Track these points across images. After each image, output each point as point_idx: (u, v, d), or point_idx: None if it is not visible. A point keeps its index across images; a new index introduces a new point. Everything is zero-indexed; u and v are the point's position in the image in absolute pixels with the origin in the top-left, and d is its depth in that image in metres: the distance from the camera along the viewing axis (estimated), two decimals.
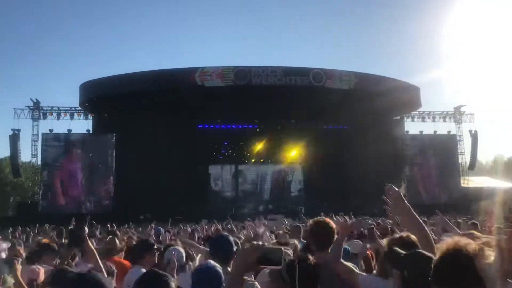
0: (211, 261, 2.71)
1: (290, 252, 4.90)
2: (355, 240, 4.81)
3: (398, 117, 35.44)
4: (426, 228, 2.58)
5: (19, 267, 3.77)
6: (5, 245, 4.35)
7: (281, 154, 35.69)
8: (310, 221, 3.50)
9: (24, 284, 3.45)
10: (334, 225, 3.36)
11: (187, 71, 28.84)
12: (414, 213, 2.54)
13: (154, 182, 27.64)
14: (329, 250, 3.23)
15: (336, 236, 3.30)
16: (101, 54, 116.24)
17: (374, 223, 12.14)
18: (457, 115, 36.19)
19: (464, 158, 36.34)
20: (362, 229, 7.36)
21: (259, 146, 35.46)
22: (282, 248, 2.35)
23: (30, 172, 37.07)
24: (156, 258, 4.09)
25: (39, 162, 31.79)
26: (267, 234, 6.23)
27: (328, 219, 3.50)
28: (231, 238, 3.21)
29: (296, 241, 6.10)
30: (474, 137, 35.74)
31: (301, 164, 35.73)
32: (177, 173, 28.89)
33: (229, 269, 2.89)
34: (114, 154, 30.36)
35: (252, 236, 6.89)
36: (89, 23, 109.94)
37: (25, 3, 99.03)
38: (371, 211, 23.75)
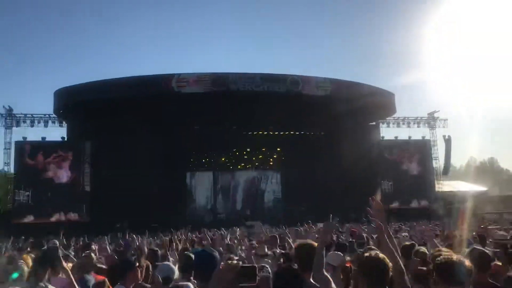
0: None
1: (269, 263, 4.93)
2: (335, 252, 4.82)
3: (374, 123, 35.88)
4: (394, 242, 3.11)
5: None
6: None
7: (259, 160, 35.85)
8: (294, 245, 3.55)
9: None
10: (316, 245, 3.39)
11: (164, 78, 28.57)
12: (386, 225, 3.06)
13: (130, 189, 27.26)
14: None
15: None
16: (76, 60, 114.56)
17: (352, 228, 12.31)
18: (431, 120, 36.94)
19: (438, 163, 37.08)
20: (342, 239, 7.43)
21: (237, 153, 35.54)
22: (256, 265, 2.43)
23: (2, 180, 36.08)
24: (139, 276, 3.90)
25: (12, 171, 31.05)
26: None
27: (310, 241, 3.53)
28: (216, 255, 3.08)
29: (275, 251, 6.15)
30: (448, 142, 36.43)
31: (279, 169, 35.86)
32: (154, 180, 28.64)
33: None
34: (89, 161, 29.90)
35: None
36: (64, 28, 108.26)
37: None
38: (348, 216, 24.02)
